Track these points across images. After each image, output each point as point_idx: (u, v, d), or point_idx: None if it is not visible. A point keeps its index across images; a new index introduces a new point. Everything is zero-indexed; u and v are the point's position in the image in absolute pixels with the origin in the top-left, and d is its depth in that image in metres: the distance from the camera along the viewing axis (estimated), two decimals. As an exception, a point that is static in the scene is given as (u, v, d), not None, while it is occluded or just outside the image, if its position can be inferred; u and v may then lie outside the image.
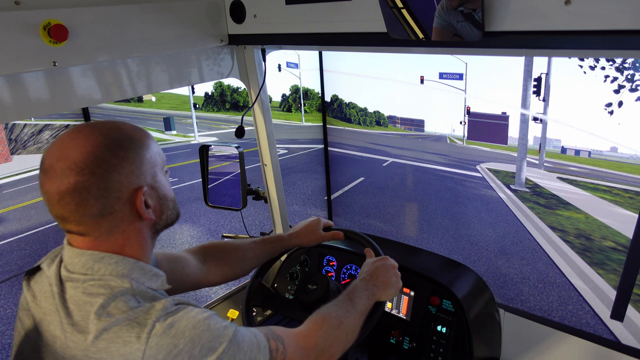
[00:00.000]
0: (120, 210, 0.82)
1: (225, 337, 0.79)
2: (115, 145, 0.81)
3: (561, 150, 4.74)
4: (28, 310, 0.86)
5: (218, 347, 0.77)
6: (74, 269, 0.82)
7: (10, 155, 12.63)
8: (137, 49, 1.38)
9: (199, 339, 0.75)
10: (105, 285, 0.79)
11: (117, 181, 0.80)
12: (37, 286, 0.86)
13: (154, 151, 0.87)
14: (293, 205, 7.18)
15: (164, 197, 0.89)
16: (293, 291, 1.77)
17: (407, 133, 6.44)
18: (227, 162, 1.86)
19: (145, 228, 0.88)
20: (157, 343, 0.73)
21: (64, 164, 0.77)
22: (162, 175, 0.90)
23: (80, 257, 0.82)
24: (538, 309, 4.23)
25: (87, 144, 0.79)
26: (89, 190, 0.78)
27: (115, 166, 0.80)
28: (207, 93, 19.28)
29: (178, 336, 0.74)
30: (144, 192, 0.83)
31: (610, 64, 3.91)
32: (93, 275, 0.80)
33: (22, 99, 1.21)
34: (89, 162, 0.78)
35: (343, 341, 1.01)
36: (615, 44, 0.97)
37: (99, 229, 0.81)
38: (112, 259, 0.82)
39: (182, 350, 0.74)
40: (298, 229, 1.42)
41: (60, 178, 0.77)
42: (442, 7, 1.04)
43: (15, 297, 4.92)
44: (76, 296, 0.78)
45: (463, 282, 1.52)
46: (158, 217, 0.89)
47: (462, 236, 5.19)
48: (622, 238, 3.98)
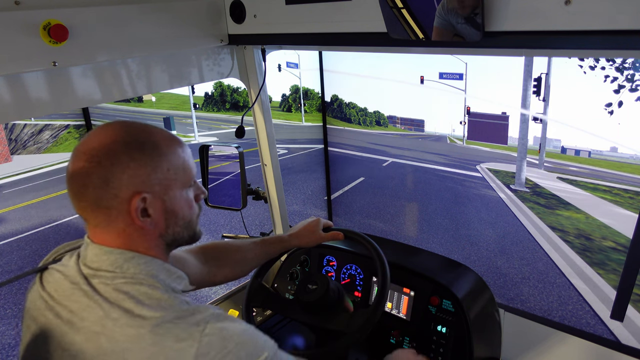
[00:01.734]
0: (116, 207, 0.82)
1: (267, 348, 0.83)
2: (133, 145, 0.82)
3: (561, 150, 4.74)
4: (48, 310, 0.85)
5: (261, 355, 0.81)
6: (99, 266, 0.83)
7: (10, 155, 12.62)
8: (137, 49, 1.38)
9: (245, 344, 0.79)
10: (139, 282, 0.81)
11: (118, 178, 0.81)
12: (52, 286, 0.87)
13: (176, 165, 0.87)
14: (293, 205, 7.18)
15: (172, 213, 0.88)
16: (293, 291, 1.77)
17: (407, 133, 6.44)
18: (227, 162, 1.86)
19: (151, 236, 0.87)
20: (208, 342, 0.76)
21: (83, 148, 0.82)
22: (179, 191, 0.88)
23: (109, 255, 0.84)
24: (538, 309, 4.23)
25: (109, 136, 0.82)
26: (90, 177, 0.80)
27: (122, 164, 0.81)
28: (207, 93, 19.27)
29: (227, 339, 0.78)
30: (143, 198, 0.83)
31: (610, 64, 3.91)
32: (124, 273, 0.82)
33: (22, 99, 1.21)
34: (101, 152, 0.81)
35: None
36: (615, 44, 0.97)
37: (95, 218, 0.84)
38: (142, 259, 0.85)
39: (231, 351, 0.77)
40: (298, 229, 1.42)
41: (74, 160, 0.82)
42: (443, 7, 1.04)
43: (15, 297, 4.92)
44: (110, 292, 0.80)
45: (463, 282, 1.52)
46: (162, 229, 0.88)
47: (462, 236, 5.19)
48: (622, 238, 3.98)
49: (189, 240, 0.95)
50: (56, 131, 14.20)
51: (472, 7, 1.00)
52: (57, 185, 9.93)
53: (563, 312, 4.15)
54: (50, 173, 11.31)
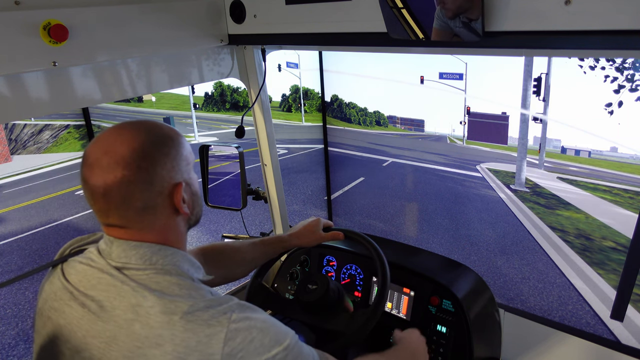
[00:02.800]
0: (161, 204, 0.86)
1: (288, 335, 0.87)
2: (159, 142, 0.86)
3: (561, 150, 4.73)
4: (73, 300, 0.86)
5: (284, 342, 0.85)
6: (129, 261, 0.85)
7: (10, 155, 12.62)
8: (137, 49, 1.38)
9: (267, 331, 0.84)
10: (168, 272, 0.85)
11: (160, 175, 0.84)
12: (75, 277, 0.88)
13: (187, 150, 0.93)
14: (293, 205, 7.18)
15: (196, 193, 0.96)
16: (293, 291, 1.77)
17: (407, 133, 6.44)
18: (227, 162, 1.86)
19: (182, 222, 0.93)
20: (235, 328, 0.80)
21: (111, 158, 0.81)
22: (193, 173, 0.95)
23: (138, 249, 0.85)
24: (538, 309, 4.23)
25: (134, 140, 0.83)
26: (134, 184, 0.82)
27: (159, 161, 0.85)
28: (207, 93, 19.26)
29: (251, 326, 0.82)
30: (182, 187, 0.88)
31: (610, 64, 3.90)
32: (154, 265, 0.85)
33: (22, 99, 1.21)
34: (136, 157, 0.82)
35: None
36: (615, 44, 0.97)
37: (140, 222, 0.86)
38: (169, 251, 0.88)
39: (255, 337, 0.81)
40: (298, 229, 1.42)
41: (107, 172, 0.81)
42: (442, 14, 1.04)
43: (15, 297, 4.92)
44: (142, 281, 0.83)
45: (463, 282, 1.52)
46: (191, 212, 0.94)
47: (462, 236, 5.19)
48: (622, 238, 3.98)
49: (200, 218, 1.00)
50: (56, 131, 14.20)
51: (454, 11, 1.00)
52: (57, 185, 9.93)
53: (563, 312, 4.15)
54: (50, 173, 11.31)
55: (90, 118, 4.36)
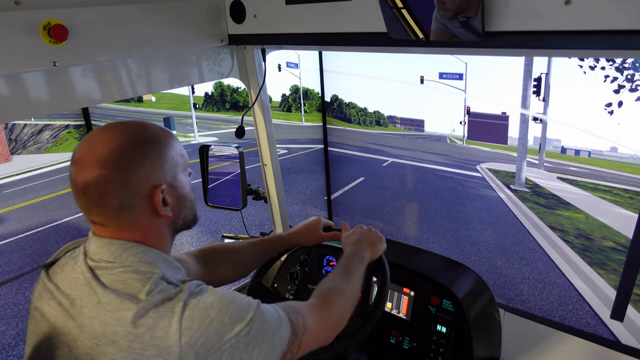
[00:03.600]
0: (139, 204, 0.86)
1: (251, 307, 0.85)
2: (140, 142, 0.86)
3: (561, 150, 4.73)
4: (52, 300, 0.88)
5: (246, 316, 0.83)
6: (100, 258, 0.86)
7: (10, 155, 12.62)
8: (137, 49, 1.38)
9: (227, 309, 0.82)
10: (136, 270, 0.84)
11: (137, 177, 0.84)
12: (59, 277, 0.90)
13: (177, 151, 0.92)
14: (293, 205, 7.18)
15: (183, 197, 0.94)
16: (293, 291, 1.77)
17: (407, 133, 6.44)
18: (227, 162, 1.86)
19: (164, 225, 0.92)
20: (190, 315, 0.79)
21: (91, 157, 0.83)
22: (183, 175, 0.94)
23: (109, 246, 0.86)
24: (538, 309, 4.23)
25: (114, 139, 0.84)
26: (110, 183, 0.83)
27: (138, 162, 0.85)
28: (207, 93, 19.26)
29: (208, 308, 0.81)
30: (162, 189, 0.87)
31: (610, 64, 3.90)
32: (122, 262, 0.85)
33: (22, 99, 1.21)
34: (114, 157, 0.83)
35: (350, 305, 1.10)
36: (615, 44, 0.97)
37: (118, 220, 0.86)
38: (140, 248, 0.87)
39: (214, 319, 0.80)
40: (298, 228, 1.42)
41: (86, 170, 0.83)
42: (441, 15, 1.04)
43: (15, 297, 4.92)
44: (110, 281, 0.83)
45: (463, 282, 1.52)
46: (176, 215, 0.93)
47: (462, 236, 5.18)
48: (622, 238, 3.97)
49: (192, 222, 1.00)
50: (56, 131, 14.20)
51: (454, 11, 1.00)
52: (57, 185, 9.93)
53: (563, 312, 4.15)
54: (50, 173, 11.31)
55: (90, 118, 4.36)
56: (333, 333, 1.05)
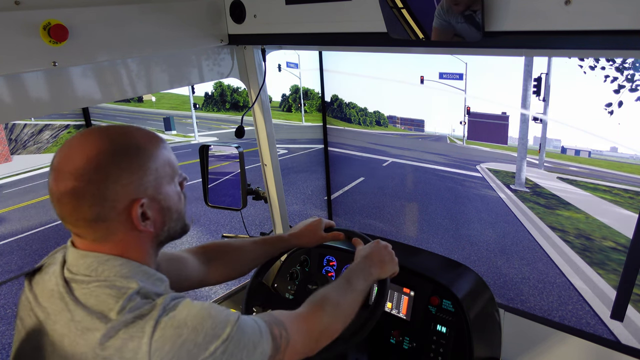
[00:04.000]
0: (115, 219, 0.81)
1: (229, 323, 0.80)
2: (119, 153, 0.80)
3: (561, 150, 4.73)
4: (31, 310, 0.86)
5: (222, 334, 0.78)
6: (77, 271, 0.82)
7: (10, 155, 12.62)
8: (137, 49, 1.38)
9: (201, 326, 0.77)
10: (111, 285, 0.79)
11: (113, 190, 0.79)
12: (39, 287, 0.86)
13: (162, 161, 0.85)
14: (293, 205, 7.18)
15: (167, 209, 0.87)
16: (293, 291, 1.77)
17: (407, 133, 6.44)
18: (227, 162, 1.86)
19: (146, 239, 0.87)
20: (161, 335, 0.74)
21: (66, 166, 0.78)
22: (169, 186, 0.87)
23: (85, 258, 0.82)
24: (538, 308, 4.23)
25: (92, 149, 0.79)
26: (84, 196, 0.78)
27: (114, 175, 0.79)
28: (207, 93, 19.28)
29: (181, 326, 0.75)
30: (142, 203, 0.81)
31: (610, 64, 3.90)
32: (98, 276, 0.80)
33: (22, 99, 1.21)
34: (89, 169, 0.77)
35: (342, 320, 1.04)
36: (615, 44, 0.97)
37: (93, 233, 0.81)
38: (117, 262, 0.82)
39: (187, 339, 0.75)
40: (299, 229, 1.42)
41: (61, 179, 0.78)
42: (442, 8, 1.04)
43: (15, 297, 4.92)
44: (84, 296, 0.79)
45: (463, 282, 1.52)
46: (159, 229, 0.88)
47: (462, 236, 5.19)
48: (622, 238, 3.98)
49: (180, 233, 0.94)
50: (56, 131, 14.21)
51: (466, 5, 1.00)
52: (57, 185, 9.92)
53: (563, 312, 4.15)
54: (50, 173, 11.30)
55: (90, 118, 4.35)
56: (319, 345, 0.99)
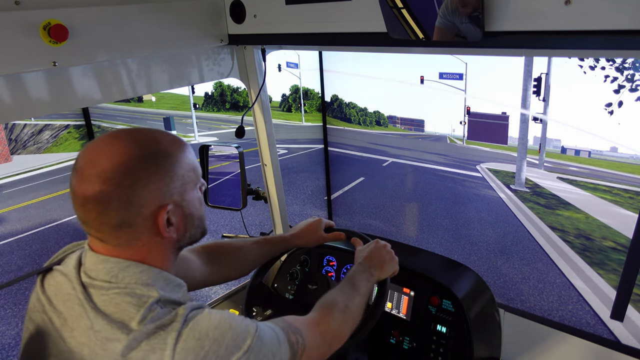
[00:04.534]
0: (141, 224, 0.80)
1: (249, 334, 0.80)
2: (148, 159, 0.79)
3: (561, 150, 4.73)
4: (44, 313, 0.84)
5: (243, 345, 0.78)
6: (97, 276, 0.80)
7: (10, 155, 12.62)
8: (137, 49, 1.38)
9: (222, 338, 0.77)
10: (131, 293, 0.78)
11: (141, 196, 0.78)
12: (53, 289, 0.85)
13: (187, 167, 0.85)
14: (293, 205, 7.18)
15: (190, 216, 0.87)
16: (293, 291, 1.77)
17: (407, 133, 6.44)
18: (227, 162, 1.86)
19: (167, 245, 0.86)
20: (183, 348, 0.74)
21: (93, 169, 0.77)
22: (192, 192, 0.87)
23: (105, 264, 0.81)
24: (538, 308, 4.23)
25: (120, 154, 0.78)
26: (111, 201, 0.77)
27: (143, 181, 0.78)
28: (207, 93, 19.27)
29: (202, 338, 0.75)
30: (168, 210, 0.81)
31: (610, 64, 3.90)
32: (118, 283, 0.79)
33: (22, 99, 1.21)
34: (117, 173, 0.77)
35: (351, 323, 1.07)
36: (615, 44, 0.97)
37: (117, 239, 0.81)
38: (138, 268, 0.81)
39: (209, 351, 0.75)
40: (299, 229, 1.42)
41: (87, 183, 0.77)
42: (447, 7, 1.04)
43: (15, 297, 4.92)
44: (103, 303, 0.78)
45: (463, 282, 1.52)
46: (181, 235, 0.87)
47: (462, 236, 5.19)
48: (622, 238, 3.98)
49: (199, 238, 0.94)
50: (56, 131, 14.20)
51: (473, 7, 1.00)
52: (57, 185, 9.94)
53: (563, 312, 4.15)
54: (50, 173, 11.32)
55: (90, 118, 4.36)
56: (331, 350, 1.01)
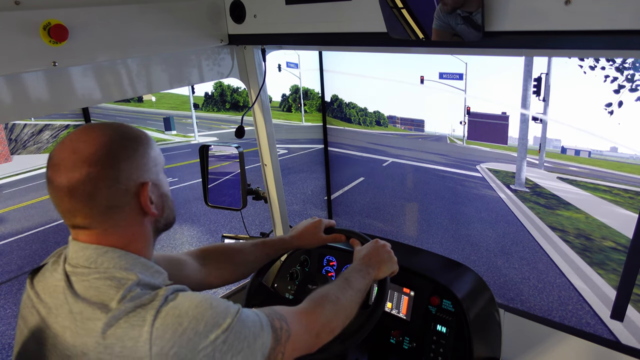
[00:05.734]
0: (127, 204, 0.85)
1: (229, 314, 0.82)
2: (125, 141, 0.85)
3: (561, 150, 4.73)
4: (32, 308, 0.87)
5: (222, 323, 0.80)
6: (77, 263, 0.84)
7: (10, 155, 12.62)
8: (137, 49, 1.38)
9: (202, 316, 0.79)
10: (110, 277, 0.81)
11: (126, 171, 0.83)
12: (41, 285, 0.88)
13: (157, 152, 0.92)
14: (293, 205, 7.18)
15: (165, 195, 0.93)
16: (293, 291, 1.77)
17: (407, 133, 6.44)
18: (227, 162, 1.86)
19: (149, 225, 0.91)
20: (162, 324, 0.76)
21: (76, 156, 0.80)
22: (163, 175, 0.93)
23: (84, 250, 0.84)
24: (538, 309, 4.23)
25: (99, 138, 0.83)
26: (100, 179, 0.80)
27: (125, 158, 0.83)
28: (207, 93, 19.26)
29: (182, 316, 0.77)
30: (149, 187, 0.86)
31: (610, 64, 3.90)
32: (97, 268, 0.82)
33: (22, 99, 1.21)
34: (101, 154, 0.81)
35: (342, 316, 1.06)
36: (615, 44, 0.97)
37: (105, 222, 0.84)
38: (116, 253, 0.84)
39: (187, 327, 0.77)
40: (299, 230, 1.42)
41: (71, 170, 0.80)
42: (441, 9, 1.04)
43: (15, 297, 4.92)
44: (84, 289, 0.81)
45: (463, 282, 1.52)
46: (160, 214, 0.92)
47: (462, 236, 5.19)
48: (622, 238, 3.98)
49: (172, 221, 0.98)
50: (56, 131, 14.20)
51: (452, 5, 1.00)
52: (57, 185, 9.91)
53: (563, 312, 4.15)
54: (50, 173, 11.29)
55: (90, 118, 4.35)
56: (319, 341, 1.00)
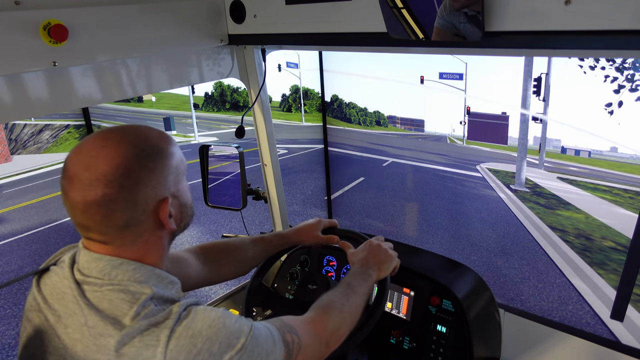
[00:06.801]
0: (145, 221, 0.82)
1: (243, 333, 0.81)
2: (144, 157, 0.80)
3: (561, 150, 4.73)
4: (40, 312, 0.85)
5: (236, 344, 0.79)
6: (90, 273, 0.81)
7: (10, 155, 12.62)
8: (137, 49, 1.38)
9: (216, 336, 0.77)
10: (125, 290, 0.79)
11: (144, 194, 0.80)
12: (48, 288, 0.86)
13: (178, 159, 0.87)
14: (293, 205, 7.18)
15: (184, 205, 0.90)
16: (293, 291, 1.77)
17: (407, 133, 6.44)
18: (227, 162, 1.86)
19: (166, 236, 0.88)
20: (176, 345, 0.74)
21: (91, 174, 0.76)
22: (183, 182, 0.90)
23: (97, 262, 0.81)
24: (538, 309, 4.23)
25: (116, 155, 0.78)
26: (116, 203, 0.77)
27: (144, 179, 0.79)
28: (207, 93, 19.26)
29: (196, 336, 0.76)
30: (169, 202, 0.83)
31: (610, 64, 3.90)
32: (111, 280, 0.80)
33: (22, 99, 1.21)
34: (118, 175, 0.77)
35: (349, 321, 1.07)
36: (615, 44, 0.97)
37: (121, 239, 0.81)
38: (131, 266, 0.82)
39: (202, 349, 0.75)
40: (298, 227, 1.42)
41: (87, 188, 0.76)
42: (445, 8, 1.04)
43: (15, 297, 4.92)
44: (97, 299, 0.78)
45: (463, 282, 1.52)
46: (178, 224, 0.89)
47: (462, 236, 5.19)
48: (622, 238, 3.98)
49: (190, 221, 0.95)
50: (56, 131, 14.20)
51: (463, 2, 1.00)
52: (57, 186, 9.88)
53: (563, 312, 4.15)
54: (51, 173, 11.31)
55: (90, 118, 4.36)
56: (328, 349, 1.00)
